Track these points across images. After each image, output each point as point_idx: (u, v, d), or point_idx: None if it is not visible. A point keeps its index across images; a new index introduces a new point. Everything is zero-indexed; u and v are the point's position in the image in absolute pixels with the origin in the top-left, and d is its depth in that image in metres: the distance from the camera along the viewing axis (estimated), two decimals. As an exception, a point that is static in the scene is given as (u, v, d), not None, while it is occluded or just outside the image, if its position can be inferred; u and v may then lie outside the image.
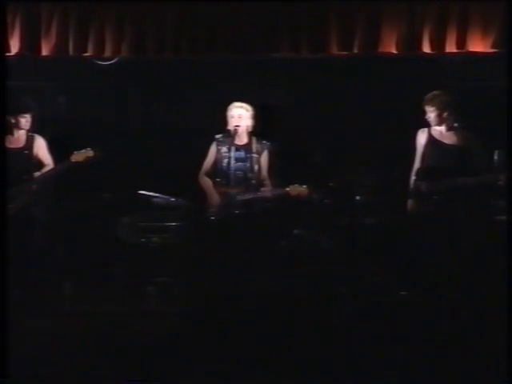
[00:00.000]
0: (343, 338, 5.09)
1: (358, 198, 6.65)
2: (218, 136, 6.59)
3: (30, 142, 6.57)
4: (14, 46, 6.75)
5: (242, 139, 6.61)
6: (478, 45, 6.64)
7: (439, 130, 6.34)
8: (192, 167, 6.64)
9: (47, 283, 6.42)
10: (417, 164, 6.37)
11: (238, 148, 6.56)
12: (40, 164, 6.57)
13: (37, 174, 6.51)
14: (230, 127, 6.52)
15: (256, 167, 6.57)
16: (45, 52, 6.81)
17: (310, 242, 6.69)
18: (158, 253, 6.68)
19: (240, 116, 6.55)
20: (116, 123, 7.26)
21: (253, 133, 6.64)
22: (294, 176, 6.52)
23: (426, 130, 6.37)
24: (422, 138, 6.37)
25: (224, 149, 6.56)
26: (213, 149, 6.63)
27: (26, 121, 6.52)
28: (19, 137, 6.55)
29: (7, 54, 6.53)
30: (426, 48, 6.68)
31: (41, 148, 6.59)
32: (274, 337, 5.03)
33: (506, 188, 5.88)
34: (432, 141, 6.33)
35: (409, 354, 4.85)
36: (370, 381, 4.63)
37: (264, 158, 6.61)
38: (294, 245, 6.67)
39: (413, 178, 6.36)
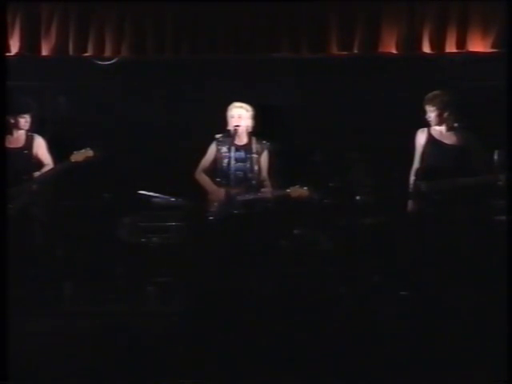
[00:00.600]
0: (343, 337, 5.09)
1: (357, 198, 6.65)
2: (218, 136, 6.58)
3: (29, 141, 6.57)
4: (14, 46, 6.75)
5: (242, 139, 6.61)
6: (478, 45, 6.64)
7: (439, 130, 6.35)
8: (192, 167, 6.64)
9: (47, 283, 6.42)
10: (416, 164, 6.37)
11: (238, 148, 6.56)
12: (39, 164, 6.57)
13: (36, 173, 6.51)
14: (230, 127, 6.52)
15: (256, 167, 6.57)
16: (45, 52, 6.80)
17: (310, 242, 6.69)
18: (158, 253, 6.68)
19: (240, 116, 6.55)
20: (116, 123, 7.24)
21: (253, 133, 6.64)
22: (293, 176, 6.53)
23: (425, 129, 6.37)
24: (421, 137, 6.38)
25: (224, 149, 6.56)
26: (212, 148, 6.63)
27: (25, 121, 6.52)
28: (18, 137, 6.55)
29: (7, 54, 6.52)
30: (426, 48, 6.68)
31: (40, 148, 6.59)
32: (273, 337, 5.03)
33: (506, 188, 5.88)
34: (432, 141, 6.33)
35: (409, 353, 4.85)
36: (370, 381, 4.63)
37: (264, 159, 6.61)
38: (294, 245, 6.66)
39: (412, 178, 6.36)
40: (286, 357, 4.81)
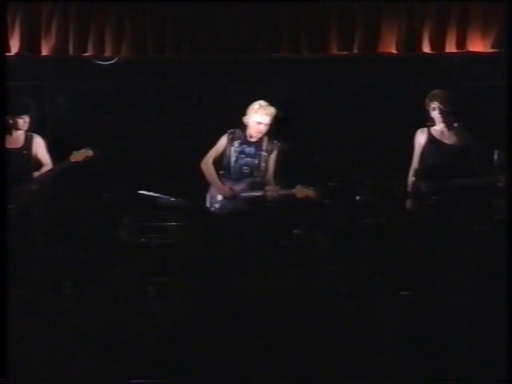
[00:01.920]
0: (343, 337, 5.09)
1: (357, 197, 6.65)
2: (230, 130, 6.56)
3: (28, 141, 6.56)
4: (14, 46, 6.74)
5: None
6: (478, 45, 6.63)
7: (439, 130, 6.35)
8: (192, 167, 6.63)
9: (47, 283, 6.42)
10: (416, 164, 6.37)
11: (249, 144, 6.53)
12: (39, 164, 6.56)
13: (36, 174, 6.51)
14: (254, 132, 6.47)
15: (263, 165, 6.54)
16: (45, 52, 6.79)
17: (310, 242, 6.69)
18: (158, 253, 6.68)
19: (266, 124, 6.49)
20: (116, 123, 7.25)
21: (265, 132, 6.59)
22: (294, 176, 6.52)
23: (425, 129, 6.37)
24: (421, 137, 6.38)
25: (235, 143, 6.53)
26: (223, 140, 6.59)
27: (23, 121, 6.51)
28: (17, 137, 6.54)
29: (7, 54, 6.51)
30: (426, 48, 6.67)
31: (39, 148, 6.58)
32: (273, 336, 5.03)
33: (506, 188, 5.88)
34: (432, 141, 6.33)
35: (409, 353, 4.85)
36: (370, 380, 4.63)
37: (273, 158, 6.57)
38: (294, 244, 6.67)
39: (412, 178, 6.36)
40: (286, 357, 4.81)
